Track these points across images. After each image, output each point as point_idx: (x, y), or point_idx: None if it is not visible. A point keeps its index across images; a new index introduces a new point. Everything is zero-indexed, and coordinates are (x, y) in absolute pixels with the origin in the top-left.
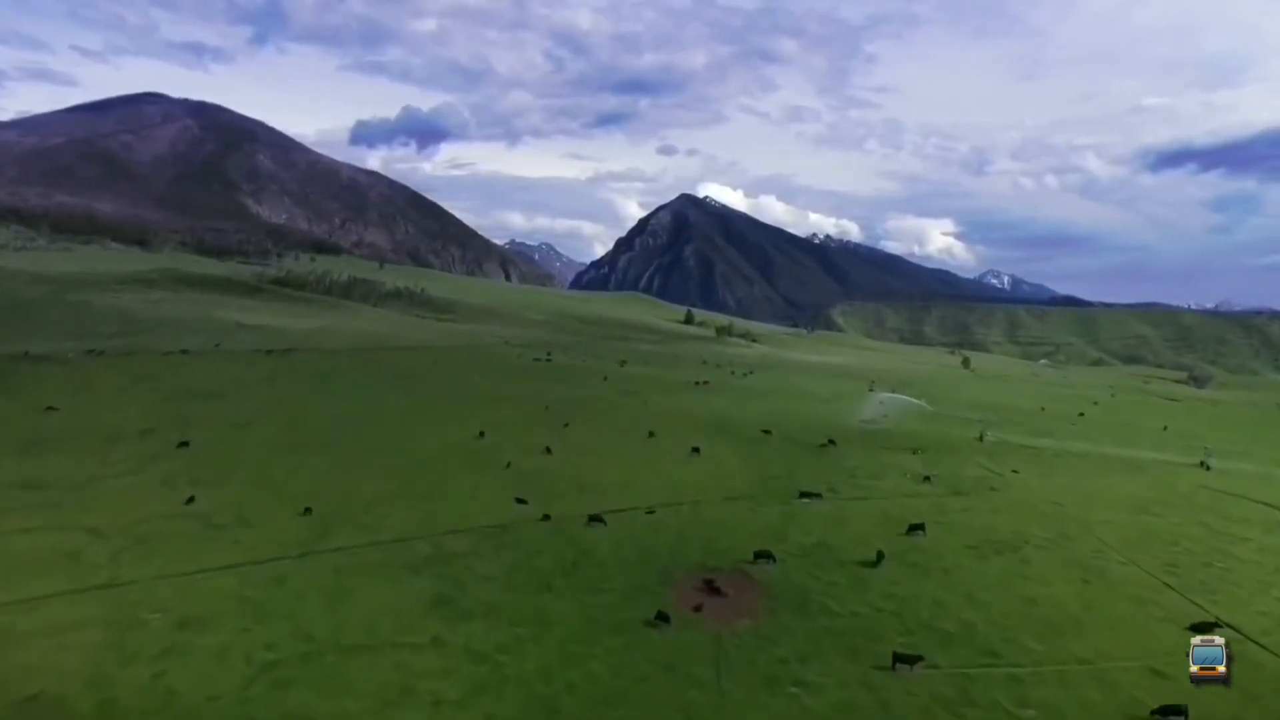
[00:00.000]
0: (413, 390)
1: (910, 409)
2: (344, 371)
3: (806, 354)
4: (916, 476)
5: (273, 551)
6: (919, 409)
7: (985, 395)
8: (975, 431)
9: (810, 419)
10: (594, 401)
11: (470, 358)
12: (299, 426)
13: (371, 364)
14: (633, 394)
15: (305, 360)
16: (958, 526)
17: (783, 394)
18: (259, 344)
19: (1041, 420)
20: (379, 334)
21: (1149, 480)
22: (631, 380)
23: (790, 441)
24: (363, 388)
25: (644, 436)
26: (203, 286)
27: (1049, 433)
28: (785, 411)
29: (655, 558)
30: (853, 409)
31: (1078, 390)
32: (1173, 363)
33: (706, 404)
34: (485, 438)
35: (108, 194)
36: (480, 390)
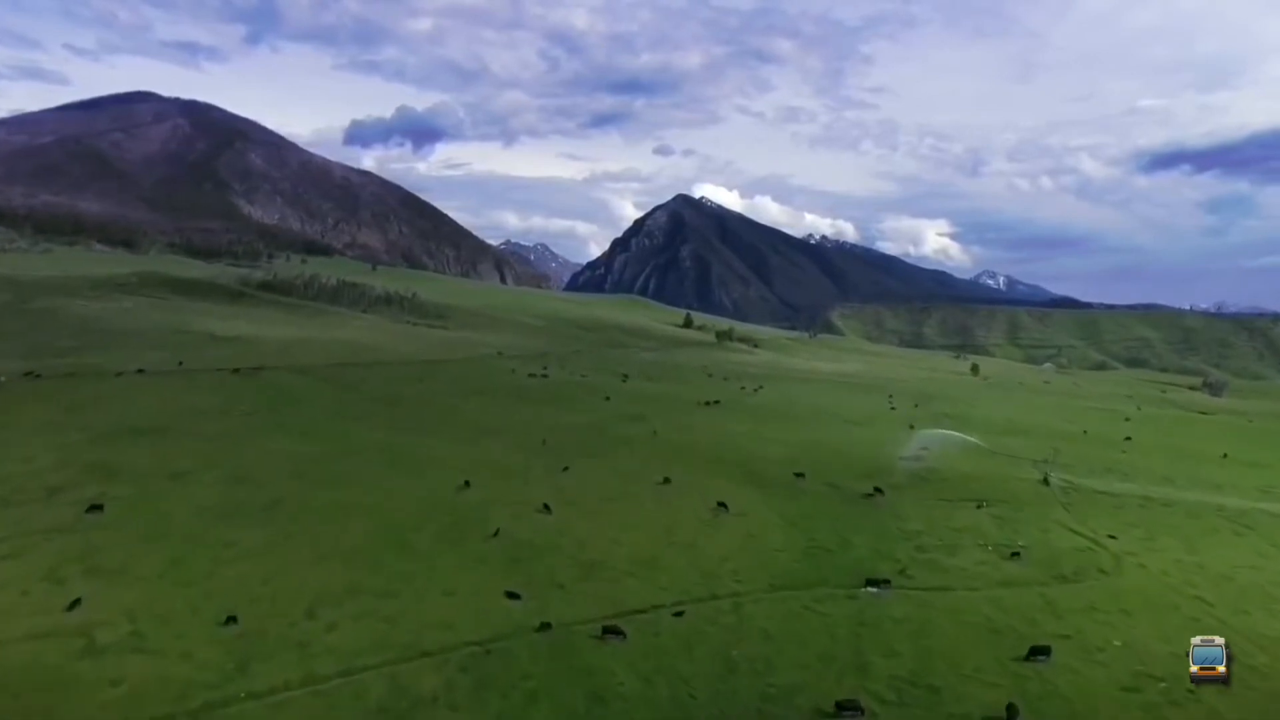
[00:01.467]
0: (391, 420)
1: (954, 444)
2: (315, 396)
3: (812, 361)
4: (1000, 549)
5: (163, 702)
6: (964, 444)
7: (1014, 413)
8: (1033, 470)
9: (842, 452)
10: (597, 432)
11: (460, 374)
12: (245, 478)
13: (349, 384)
14: (638, 419)
15: (274, 381)
16: (1090, 645)
17: (802, 416)
18: (229, 359)
19: (1092, 449)
20: (363, 345)
21: (1265, 540)
22: (635, 399)
23: (831, 490)
24: (333, 417)
25: (658, 483)
26: (183, 291)
27: (1111, 467)
28: (811, 442)
29: (695, 705)
30: (885, 437)
31: (1100, 402)
32: (1177, 366)
33: (722, 432)
34: (470, 488)
35: (95, 194)
36: (468, 419)
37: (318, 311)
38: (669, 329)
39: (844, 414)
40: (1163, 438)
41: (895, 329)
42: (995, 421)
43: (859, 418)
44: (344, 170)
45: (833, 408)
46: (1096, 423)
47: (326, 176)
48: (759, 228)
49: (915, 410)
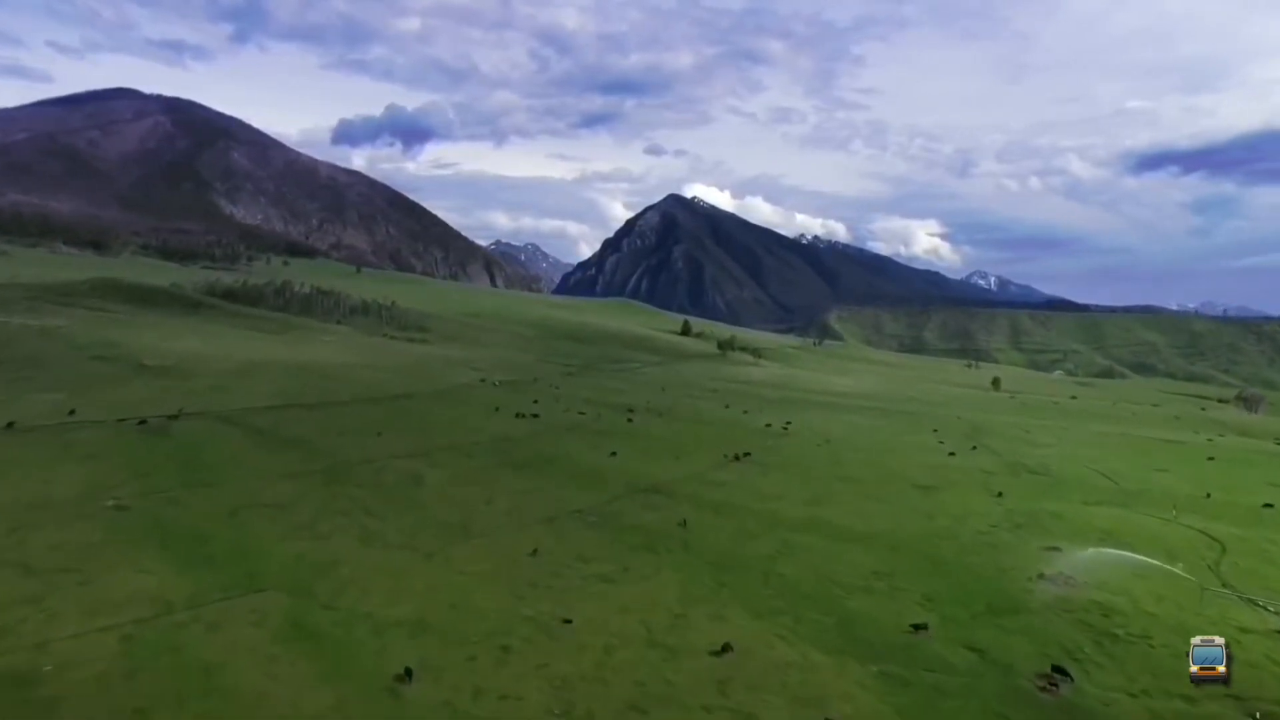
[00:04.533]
0: (324, 506)
1: (1113, 564)
2: (234, 464)
3: (822, 374)
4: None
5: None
6: (1134, 565)
7: (1087, 454)
8: (1207, 598)
9: (945, 563)
10: (605, 527)
11: (432, 416)
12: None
13: (287, 439)
14: (657, 494)
15: (188, 437)
16: None
17: (857, 476)
18: (144, 402)
19: (1235, 524)
20: (326, 369)
21: None
22: (646, 452)
23: (978, 664)
24: (245, 507)
25: (712, 653)
26: (136, 301)
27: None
28: (894, 539)
29: None
30: (980, 516)
31: (1157, 428)
32: (1185, 372)
33: (769, 517)
34: (414, 683)
35: (67, 193)
36: (431, 502)
37: (285, 324)
38: (667, 337)
39: (907, 471)
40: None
41: (895, 333)
42: (1086, 480)
43: (926, 475)
44: (330, 170)
45: (885, 456)
46: (1179, 463)
47: (312, 176)
48: (751, 228)
49: (974, 453)
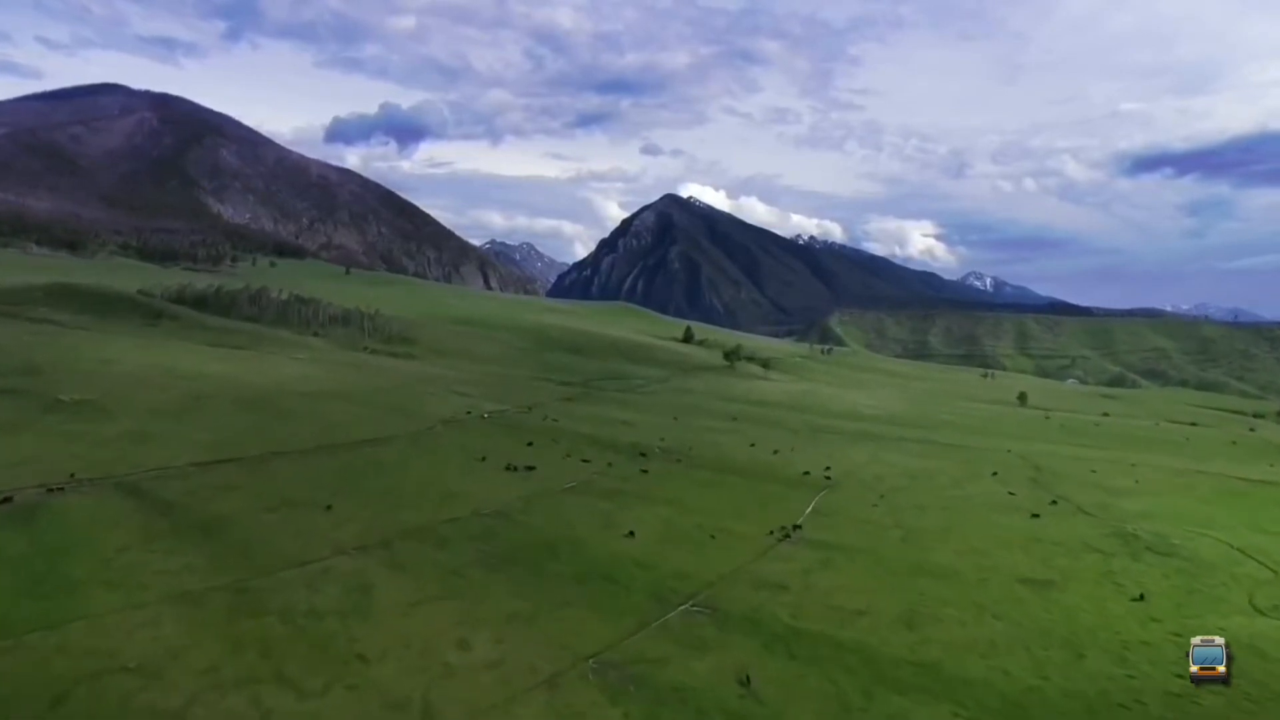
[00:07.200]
0: (199, 685)
1: None
2: (95, 583)
3: (841, 388)
4: None
5: None
6: None
7: (1210, 516)
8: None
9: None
10: (628, 705)
11: (401, 468)
12: None
13: (196, 520)
14: (693, 611)
15: (55, 525)
16: None
17: (945, 566)
18: (43, 451)
19: None
20: (284, 401)
21: None
22: (669, 528)
23: None
24: (65, 690)
25: None
26: (93, 310)
27: None
28: (1048, 699)
29: None
30: (1132, 662)
31: (1209, 457)
32: (1197, 379)
33: (863, 659)
34: None
35: (47, 190)
36: (368, 661)
37: (254, 337)
38: (670, 345)
39: (998, 551)
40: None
41: (898, 337)
42: (1229, 562)
43: (1027, 559)
44: (321, 168)
45: (960, 521)
46: (1267, 513)
47: (303, 174)
48: (748, 228)
49: (1058, 511)
